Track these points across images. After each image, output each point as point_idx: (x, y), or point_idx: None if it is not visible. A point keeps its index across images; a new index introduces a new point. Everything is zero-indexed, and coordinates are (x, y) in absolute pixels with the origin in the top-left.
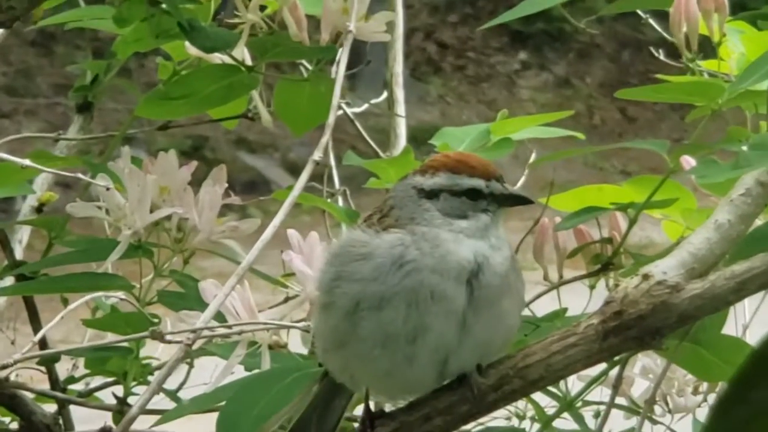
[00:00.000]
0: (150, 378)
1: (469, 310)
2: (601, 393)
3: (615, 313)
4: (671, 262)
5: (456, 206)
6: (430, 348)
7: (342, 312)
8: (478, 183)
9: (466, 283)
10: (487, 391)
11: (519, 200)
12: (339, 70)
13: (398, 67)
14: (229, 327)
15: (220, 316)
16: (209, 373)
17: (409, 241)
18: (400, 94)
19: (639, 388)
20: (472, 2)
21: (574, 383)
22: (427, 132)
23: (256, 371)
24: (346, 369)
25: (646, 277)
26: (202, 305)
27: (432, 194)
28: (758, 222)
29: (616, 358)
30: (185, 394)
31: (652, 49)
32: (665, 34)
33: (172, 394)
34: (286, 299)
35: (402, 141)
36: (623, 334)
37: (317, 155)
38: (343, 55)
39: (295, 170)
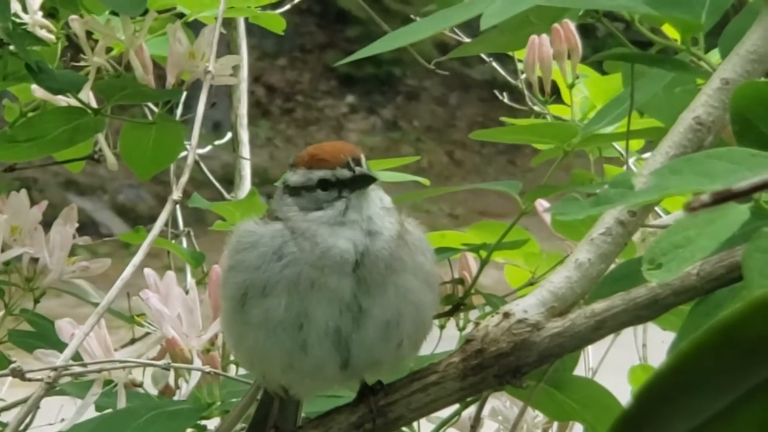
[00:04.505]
0: None
1: (360, 293)
2: None
3: (476, 351)
4: (531, 300)
5: (312, 200)
6: (319, 333)
7: (234, 302)
8: (326, 174)
9: (352, 272)
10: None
11: (363, 181)
12: (198, 112)
13: (243, 108)
14: (85, 366)
15: (75, 355)
16: (53, 413)
17: (288, 236)
18: (244, 135)
19: (487, 430)
20: (301, 47)
21: (422, 424)
22: (255, 174)
23: (108, 410)
24: (252, 365)
25: (506, 315)
26: (53, 344)
27: (294, 191)
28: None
29: (469, 399)
30: None
31: (496, 91)
32: (509, 78)
33: None
34: (133, 340)
35: (247, 183)
36: (484, 372)
37: (176, 195)
38: (201, 96)
39: (123, 212)
